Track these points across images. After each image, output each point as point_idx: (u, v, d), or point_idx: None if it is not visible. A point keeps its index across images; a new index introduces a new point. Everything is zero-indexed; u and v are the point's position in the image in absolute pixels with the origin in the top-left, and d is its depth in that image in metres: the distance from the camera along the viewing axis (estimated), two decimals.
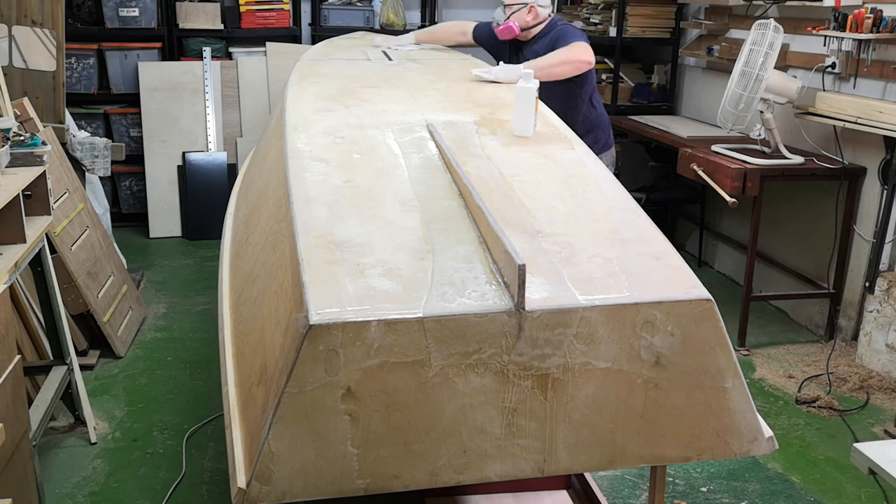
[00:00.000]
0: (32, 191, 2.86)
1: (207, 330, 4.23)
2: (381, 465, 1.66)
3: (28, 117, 3.65)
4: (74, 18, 5.62)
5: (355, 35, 4.95)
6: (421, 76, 3.40)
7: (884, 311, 3.78)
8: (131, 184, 5.91)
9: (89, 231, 3.96)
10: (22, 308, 3.30)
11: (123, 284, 4.18)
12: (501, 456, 1.71)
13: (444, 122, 2.65)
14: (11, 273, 2.55)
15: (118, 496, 2.91)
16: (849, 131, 3.97)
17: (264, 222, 2.37)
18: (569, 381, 1.71)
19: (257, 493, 1.61)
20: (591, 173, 2.35)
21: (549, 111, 2.90)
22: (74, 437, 3.26)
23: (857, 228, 4.12)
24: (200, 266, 5.23)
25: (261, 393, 1.76)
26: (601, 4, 5.71)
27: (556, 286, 1.74)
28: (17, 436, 2.34)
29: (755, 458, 3.14)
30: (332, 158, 2.37)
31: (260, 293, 2.09)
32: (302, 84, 3.20)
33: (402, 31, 5.97)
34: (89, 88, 5.68)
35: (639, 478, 3.05)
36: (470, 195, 2.04)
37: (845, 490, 3.03)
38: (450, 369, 1.65)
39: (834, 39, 3.97)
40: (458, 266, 1.79)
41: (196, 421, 3.37)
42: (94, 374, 3.76)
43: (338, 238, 1.90)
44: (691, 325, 1.74)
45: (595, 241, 1.95)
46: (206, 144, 5.76)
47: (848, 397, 3.68)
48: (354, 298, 1.67)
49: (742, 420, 1.81)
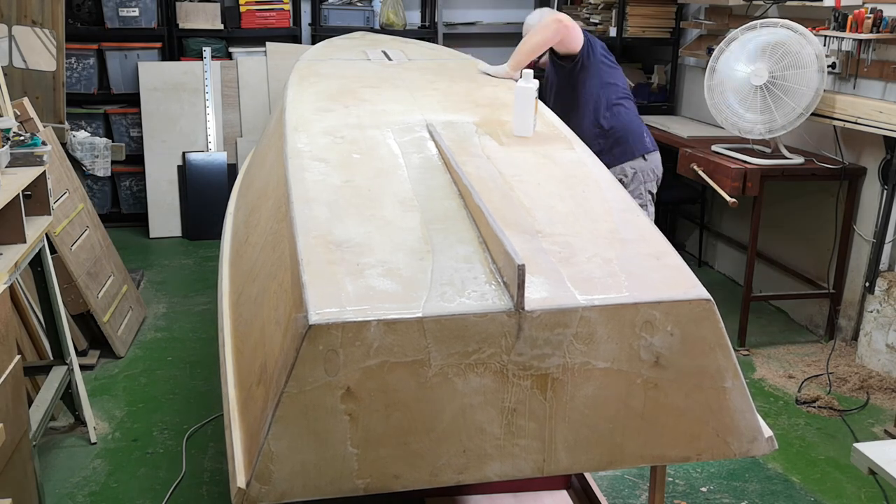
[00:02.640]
0: (32, 191, 2.86)
1: (207, 330, 4.23)
2: (381, 465, 1.66)
3: (28, 117, 3.65)
4: (74, 18, 5.62)
5: (355, 35, 4.95)
6: (421, 76, 3.40)
7: (884, 311, 3.78)
8: (131, 184, 5.91)
9: (89, 231, 3.96)
10: (22, 308, 3.30)
11: (123, 284, 4.19)
12: (501, 456, 1.71)
13: (444, 122, 2.65)
14: (11, 273, 2.55)
15: (118, 496, 2.91)
16: (849, 131, 3.97)
17: (264, 222, 2.37)
18: (568, 381, 1.71)
19: (257, 493, 1.61)
20: (590, 173, 2.35)
21: (549, 111, 2.90)
22: (74, 437, 3.26)
23: (857, 228, 4.11)
24: (200, 266, 5.23)
25: (260, 393, 1.76)
26: (601, 4, 5.71)
27: (555, 286, 1.74)
28: (17, 436, 2.34)
29: (755, 458, 3.14)
30: (332, 158, 2.37)
31: (260, 293, 2.09)
32: (302, 84, 3.20)
33: (401, 31, 5.98)
34: (89, 88, 5.68)
35: (639, 478, 3.05)
36: (470, 195, 2.04)
37: (845, 490, 3.03)
38: (449, 369, 1.65)
39: (834, 39, 3.96)
40: (457, 266, 1.79)
41: (196, 421, 3.37)
42: (94, 374, 3.76)
43: (337, 238, 1.90)
44: (691, 325, 1.74)
45: (594, 241, 1.95)
46: (206, 144, 5.76)
47: (848, 397, 3.68)
48: (354, 298, 1.67)
49: (742, 420, 1.81)
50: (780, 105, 3.88)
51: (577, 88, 3.67)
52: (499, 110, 2.83)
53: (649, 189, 3.75)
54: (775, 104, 3.89)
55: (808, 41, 3.80)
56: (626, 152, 3.66)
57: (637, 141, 3.69)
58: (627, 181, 3.66)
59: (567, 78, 3.70)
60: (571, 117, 3.44)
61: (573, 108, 3.66)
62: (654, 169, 3.72)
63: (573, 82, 3.68)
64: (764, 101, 3.92)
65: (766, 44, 3.88)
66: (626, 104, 3.73)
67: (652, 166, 3.72)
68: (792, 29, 3.84)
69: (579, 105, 3.67)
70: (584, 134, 3.36)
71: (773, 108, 3.90)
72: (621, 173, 3.64)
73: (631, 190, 3.64)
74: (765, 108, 3.92)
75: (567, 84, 3.71)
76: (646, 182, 3.71)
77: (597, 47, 3.66)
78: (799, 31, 3.82)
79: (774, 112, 3.90)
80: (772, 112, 3.91)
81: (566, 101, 3.70)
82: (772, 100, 3.90)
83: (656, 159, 3.74)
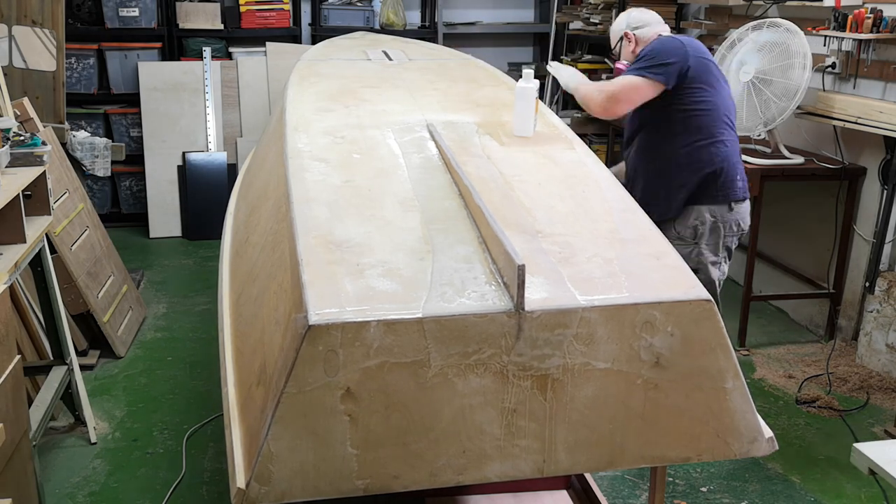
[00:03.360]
0: (32, 191, 2.86)
1: (207, 330, 4.23)
2: (381, 465, 1.66)
3: (28, 117, 3.65)
4: (74, 18, 5.62)
5: (355, 35, 4.95)
6: (421, 76, 3.40)
7: (884, 311, 3.78)
8: (131, 184, 5.91)
9: (89, 231, 3.96)
10: (22, 308, 3.30)
11: (123, 284, 4.19)
12: (501, 456, 1.71)
13: (444, 122, 2.65)
14: (11, 273, 2.55)
15: (118, 496, 2.91)
16: (849, 131, 3.97)
17: (264, 222, 2.37)
18: (568, 381, 1.71)
19: (256, 494, 1.61)
20: (590, 173, 2.35)
21: (549, 111, 2.90)
22: (74, 437, 3.26)
23: (857, 228, 4.11)
24: (200, 266, 5.23)
25: (260, 393, 1.76)
26: (601, 4, 5.71)
27: (555, 286, 1.74)
28: (17, 436, 2.34)
29: (755, 459, 3.14)
30: (332, 158, 2.37)
31: (260, 293, 2.09)
32: (302, 84, 3.20)
33: (401, 31, 5.98)
34: (89, 88, 5.69)
35: (639, 478, 3.05)
36: (470, 195, 2.03)
37: (845, 490, 3.03)
38: (449, 370, 1.65)
39: (834, 39, 3.96)
40: (457, 266, 1.79)
41: (196, 421, 3.37)
42: (94, 374, 3.76)
43: (337, 238, 1.90)
44: (691, 326, 1.74)
45: (594, 241, 1.95)
46: (206, 144, 5.76)
47: (848, 397, 3.68)
48: (354, 299, 1.67)
49: (742, 420, 1.81)
50: (766, 98, 3.91)
51: (663, 109, 3.06)
52: (499, 110, 2.83)
53: (727, 245, 3.12)
54: (761, 99, 3.92)
55: (792, 34, 3.81)
56: (709, 194, 3.03)
57: (727, 184, 3.04)
58: (703, 230, 3.06)
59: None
60: (652, 134, 3.12)
61: (656, 126, 3.11)
62: (739, 221, 3.10)
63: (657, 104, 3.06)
64: (749, 99, 3.96)
65: (758, 43, 3.92)
66: (725, 136, 3.05)
67: (737, 218, 3.09)
68: (777, 25, 3.87)
69: (664, 124, 3.08)
70: (663, 158, 3.07)
71: (758, 107, 3.93)
72: (697, 218, 3.05)
73: (705, 243, 3.07)
74: (751, 106, 3.96)
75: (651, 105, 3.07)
76: (726, 236, 3.09)
77: (690, 69, 2.96)
78: (783, 27, 3.84)
79: (760, 110, 3.92)
80: (758, 110, 3.93)
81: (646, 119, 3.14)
82: (756, 95, 3.93)
83: (744, 211, 3.11)
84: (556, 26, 6.29)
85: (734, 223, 3.08)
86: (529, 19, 6.73)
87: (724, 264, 3.14)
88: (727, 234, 3.08)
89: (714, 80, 3.03)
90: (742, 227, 3.11)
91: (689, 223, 3.07)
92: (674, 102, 3.00)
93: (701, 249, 3.08)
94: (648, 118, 3.11)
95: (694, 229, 3.07)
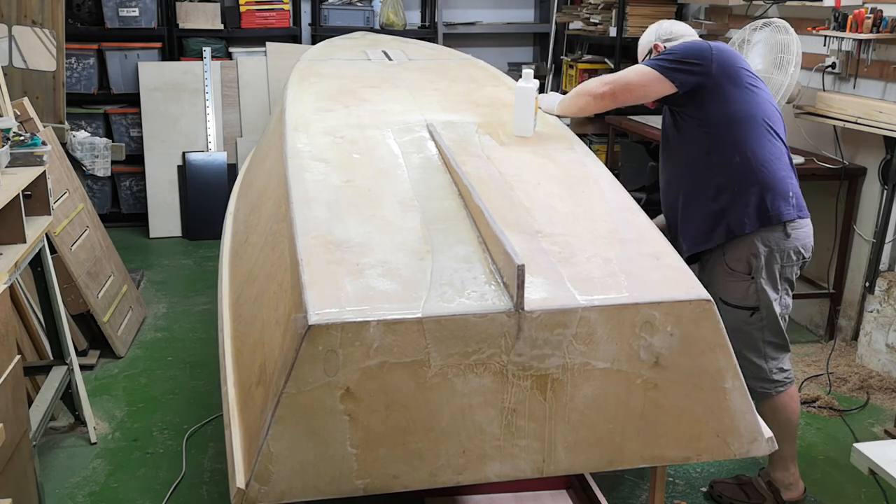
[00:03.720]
0: (32, 191, 2.86)
1: (207, 330, 4.23)
2: (381, 465, 1.66)
3: (28, 117, 3.65)
4: (74, 18, 5.62)
5: (355, 35, 4.95)
6: (421, 76, 3.40)
7: (884, 311, 3.78)
8: (131, 184, 5.91)
9: (89, 231, 3.96)
10: (22, 308, 3.30)
11: (123, 284, 4.19)
12: (501, 456, 1.71)
13: (444, 122, 2.65)
14: (11, 273, 2.55)
15: (118, 496, 2.91)
16: (849, 131, 3.97)
17: (264, 222, 2.37)
18: (568, 381, 1.71)
19: (256, 494, 1.61)
20: (590, 173, 2.35)
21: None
22: (74, 437, 3.26)
23: (857, 228, 4.11)
24: (200, 266, 5.23)
25: (260, 393, 1.76)
26: (601, 4, 5.71)
27: (555, 286, 1.74)
28: (17, 436, 2.34)
29: (755, 459, 3.14)
30: (332, 158, 2.37)
31: (259, 293, 2.09)
32: (302, 84, 3.20)
33: (401, 31, 5.98)
34: (89, 88, 5.68)
35: (639, 478, 3.04)
36: (469, 195, 2.04)
37: (845, 490, 3.02)
38: (449, 369, 1.65)
39: (834, 39, 3.97)
40: (457, 266, 1.79)
41: (196, 421, 3.37)
42: (94, 374, 3.75)
43: (337, 238, 1.90)
44: (690, 326, 1.74)
45: (594, 241, 1.95)
46: (206, 144, 5.76)
47: (848, 397, 3.67)
48: (354, 299, 1.67)
49: (742, 420, 1.81)
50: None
51: (689, 129, 2.67)
52: (499, 110, 2.83)
53: (787, 276, 2.64)
54: None
55: (784, 32, 3.80)
56: (756, 217, 2.57)
57: (777, 201, 2.58)
58: (757, 263, 2.58)
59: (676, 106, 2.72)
60: (681, 159, 2.71)
61: (685, 149, 2.70)
62: (799, 249, 2.62)
63: (686, 110, 2.68)
64: None
65: (757, 43, 3.92)
66: (766, 147, 2.63)
67: (796, 244, 2.60)
68: (768, 24, 3.86)
69: (691, 145, 2.68)
70: (696, 181, 2.64)
71: None
72: (749, 250, 2.58)
73: (763, 276, 2.60)
74: None
75: (679, 112, 2.71)
76: (785, 266, 2.61)
77: (725, 65, 2.60)
78: (774, 24, 3.83)
79: None
80: None
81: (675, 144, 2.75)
82: None
83: (803, 235, 2.62)
84: (556, 26, 6.29)
85: (792, 251, 2.60)
86: (529, 19, 6.73)
87: (787, 297, 2.68)
88: (785, 265, 2.61)
89: (745, 87, 2.63)
90: (804, 254, 2.63)
91: (740, 255, 2.60)
92: (699, 115, 2.63)
93: (760, 285, 2.60)
94: (676, 142, 2.73)
95: (748, 262, 2.59)
